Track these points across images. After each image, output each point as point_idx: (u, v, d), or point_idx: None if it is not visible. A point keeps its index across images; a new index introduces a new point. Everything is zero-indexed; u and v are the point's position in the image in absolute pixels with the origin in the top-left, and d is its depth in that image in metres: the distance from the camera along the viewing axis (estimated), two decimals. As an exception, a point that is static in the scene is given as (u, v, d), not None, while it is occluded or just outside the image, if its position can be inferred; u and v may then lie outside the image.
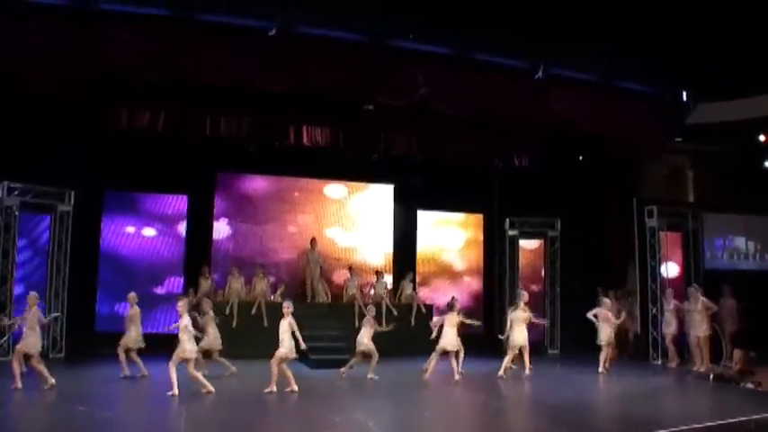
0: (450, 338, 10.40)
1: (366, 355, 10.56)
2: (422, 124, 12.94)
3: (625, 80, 11.65)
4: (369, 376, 10.41)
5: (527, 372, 10.88)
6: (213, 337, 10.22)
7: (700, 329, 11.21)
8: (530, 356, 11.04)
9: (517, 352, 10.93)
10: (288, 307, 9.07)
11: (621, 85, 11.69)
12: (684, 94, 12.08)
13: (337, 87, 10.15)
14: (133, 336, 9.91)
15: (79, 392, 8.88)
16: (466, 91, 10.61)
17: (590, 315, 11.31)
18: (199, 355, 9.51)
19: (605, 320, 11.23)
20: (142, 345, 9.98)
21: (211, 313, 10.37)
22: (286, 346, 8.93)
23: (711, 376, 10.55)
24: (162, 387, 9.91)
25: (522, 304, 11.01)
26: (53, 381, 8.80)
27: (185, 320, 8.79)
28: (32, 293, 9.28)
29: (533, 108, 11.14)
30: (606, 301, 11.68)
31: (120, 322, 13.18)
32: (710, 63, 11.70)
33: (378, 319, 13.26)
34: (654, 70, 11.60)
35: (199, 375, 8.86)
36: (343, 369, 10.64)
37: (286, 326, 8.97)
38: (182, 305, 8.96)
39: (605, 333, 11.20)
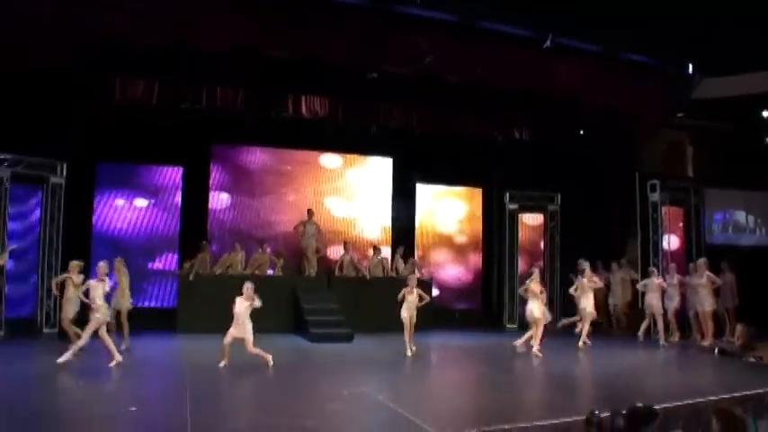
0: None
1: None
2: (423, 96, 12.66)
3: (631, 52, 11.40)
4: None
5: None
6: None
7: (705, 303, 11.18)
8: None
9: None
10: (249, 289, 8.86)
11: (627, 57, 11.45)
12: (690, 67, 11.85)
13: (341, 54, 9.83)
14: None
15: (77, 367, 8.65)
16: (472, 60, 10.35)
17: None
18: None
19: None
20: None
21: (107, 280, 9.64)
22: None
23: (716, 350, 10.55)
24: (159, 361, 9.80)
25: (587, 272, 11.47)
26: None
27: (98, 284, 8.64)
28: None
29: (539, 79, 10.93)
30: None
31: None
32: (717, 36, 11.51)
33: (379, 293, 13.18)
34: (661, 43, 11.37)
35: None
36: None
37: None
38: (101, 266, 8.86)
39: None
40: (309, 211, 13.75)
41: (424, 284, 14.12)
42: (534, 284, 10.45)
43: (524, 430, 5.98)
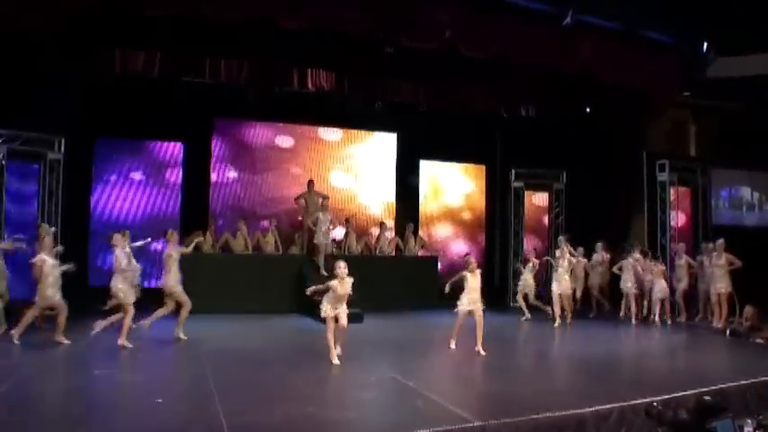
0: None
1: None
2: (432, 71, 12.36)
3: (649, 30, 11.20)
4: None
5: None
6: None
7: (721, 285, 11.19)
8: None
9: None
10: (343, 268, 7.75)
11: (645, 34, 11.25)
12: (705, 45, 11.68)
13: (359, 27, 9.45)
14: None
15: (87, 354, 8.34)
16: (492, 35, 10.06)
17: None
18: None
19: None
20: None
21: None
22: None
23: (728, 332, 10.60)
24: (172, 345, 9.47)
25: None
26: None
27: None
28: None
29: (557, 55, 10.69)
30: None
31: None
32: (727, 15, 11.33)
33: (387, 271, 12.99)
34: (677, 20, 11.19)
35: None
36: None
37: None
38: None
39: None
40: (310, 183, 13.34)
41: (430, 261, 14.09)
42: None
43: (575, 417, 5.90)
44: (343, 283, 7.76)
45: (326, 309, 7.81)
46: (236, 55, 11.62)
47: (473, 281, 8.69)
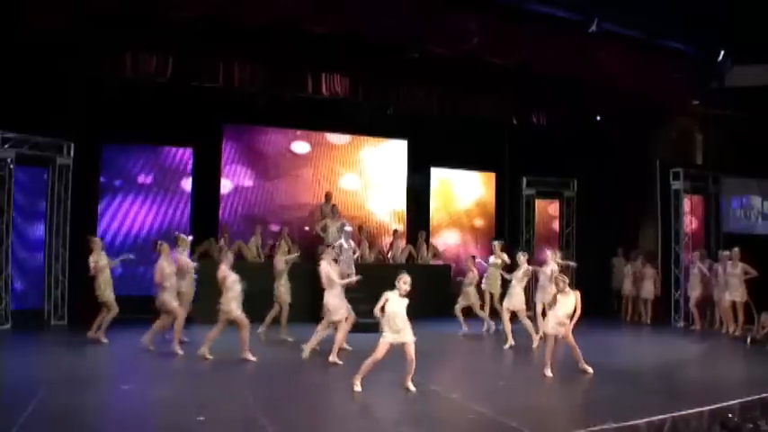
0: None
1: None
2: (448, 78, 12.24)
3: (669, 39, 11.21)
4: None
5: None
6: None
7: (737, 294, 11.20)
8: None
9: None
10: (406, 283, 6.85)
11: (665, 43, 11.26)
12: (722, 54, 11.72)
13: (386, 31, 9.27)
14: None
15: (109, 367, 8.03)
16: (518, 43, 9.99)
17: None
18: None
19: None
20: None
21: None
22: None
23: (748, 340, 10.60)
24: (192, 358, 9.11)
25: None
26: None
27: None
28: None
29: (579, 63, 10.64)
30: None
31: (124, 285, 12.34)
32: (745, 24, 11.38)
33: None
34: (696, 29, 11.22)
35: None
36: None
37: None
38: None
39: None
40: (327, 195, 13.18)
41: (443, 270, 13.94)
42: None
43: (630, 429, 5.79)
44: (400, 300, 6.88)
45: (387, 334, 6.91)
46: (252, 59, 11.37)
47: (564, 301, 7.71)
